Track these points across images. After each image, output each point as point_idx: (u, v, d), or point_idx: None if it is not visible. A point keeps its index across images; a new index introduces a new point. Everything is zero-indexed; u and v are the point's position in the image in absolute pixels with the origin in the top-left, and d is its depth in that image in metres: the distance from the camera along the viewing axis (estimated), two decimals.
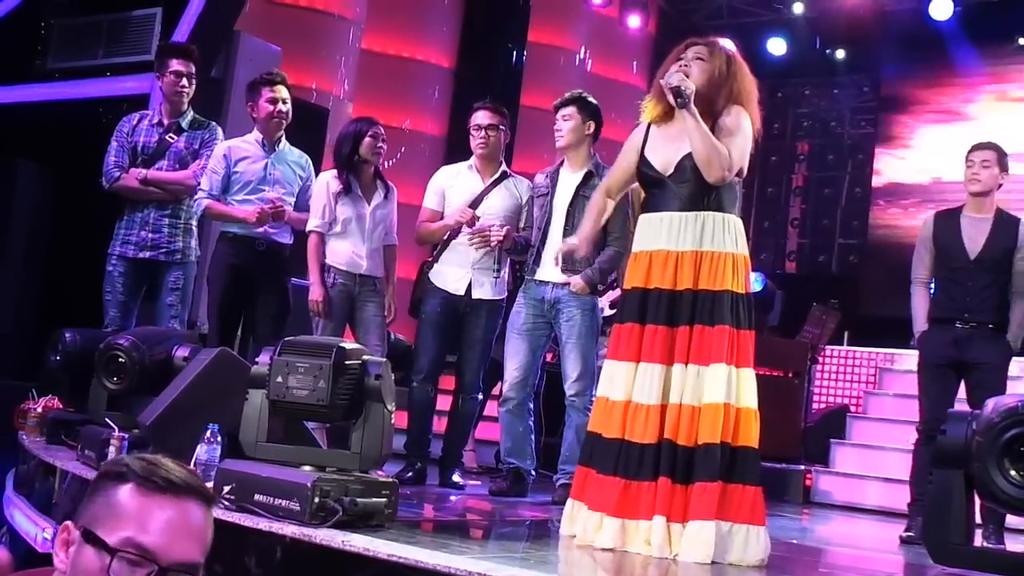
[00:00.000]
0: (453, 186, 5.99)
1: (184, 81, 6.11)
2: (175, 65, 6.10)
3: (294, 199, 5.97)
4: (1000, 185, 5.59)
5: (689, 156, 4.04)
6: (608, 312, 6.60)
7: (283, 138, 6.04)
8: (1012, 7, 11.61)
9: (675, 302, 3.95)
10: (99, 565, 1.68)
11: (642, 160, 4.18)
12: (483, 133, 5.95)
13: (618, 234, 5.69)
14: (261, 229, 5.81)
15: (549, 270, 5.70)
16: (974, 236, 5.53)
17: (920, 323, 5.65)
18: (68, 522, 1.73)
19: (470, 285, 5.89)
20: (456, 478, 5.96)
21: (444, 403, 6.46)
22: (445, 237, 5.98)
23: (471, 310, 5.91)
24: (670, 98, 4.00)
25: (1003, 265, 5.48)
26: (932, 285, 5.72)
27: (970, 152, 5.61)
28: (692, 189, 4.02)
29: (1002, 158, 5.56)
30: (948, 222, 5.65)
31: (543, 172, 5.98)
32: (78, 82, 7.68)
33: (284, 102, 5.94)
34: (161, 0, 7.51)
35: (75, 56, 7.81)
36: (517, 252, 5.90)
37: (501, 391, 6.01)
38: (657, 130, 4.20)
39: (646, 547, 3.77)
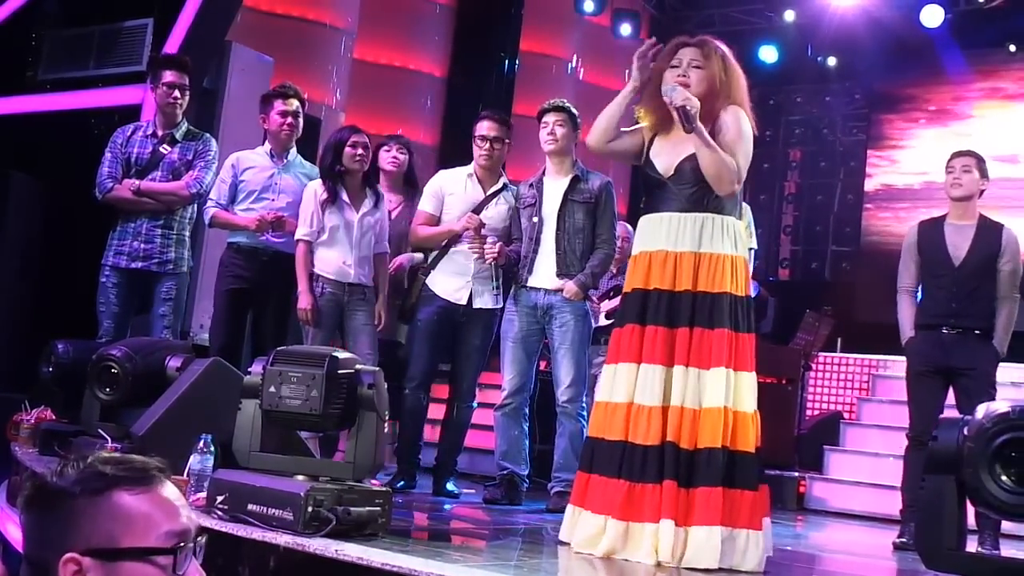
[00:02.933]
0: (453, 193, 6.00)
1: (177, 92, 6.11)
2: (168, 76, 6.10)
3: None
4: (982, 192, 5.65)
5: (690, 158, 4.04)
6: (604, 322, 6.63)
7: (294, 149, 6.09)
8: (1002, 14, 11.66)
9: (674, 303, 3.96)
10: (154, 573, 1.66)
11: (647, 163, 4.19)
12: (488, 145, 5.96)
13: (606, 236, 5.75)
14: (263, 237, 5.84)
15: (542, 277, 5.74)
16: (958, 243, 5.58)
17: (907, 330, 5.68)
18: (69, 554, 1.65)
19: (471, 295, 5.91)
20: (451, 486, 5.97)
21: (436, 411, 6.47)
22: (443, 244, 5.98)
23: (468, 319, 5.93)
24: (676, 117, 3.98)
25: (987, 271, 5.52)
26: (918, 293, 5.75)
27: (951, 159, 5.69)
28: (692, 191, 4.04)
29: (981, 164, 5.63)
30: (932, 230, 5.69)
31: (525, 182, 6.01)
32: (70, 93, 7.68)
33: (295, 115, 6.00)
34: (152, 11, 7.51)
35: (66, 67, 7.81)
36: (509, 266, 5.92)
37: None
38: (661, 137, 4.22)
39: (652, 551, 3.76)
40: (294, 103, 6.02)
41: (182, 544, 1.70)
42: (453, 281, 5.94)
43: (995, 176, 5.77)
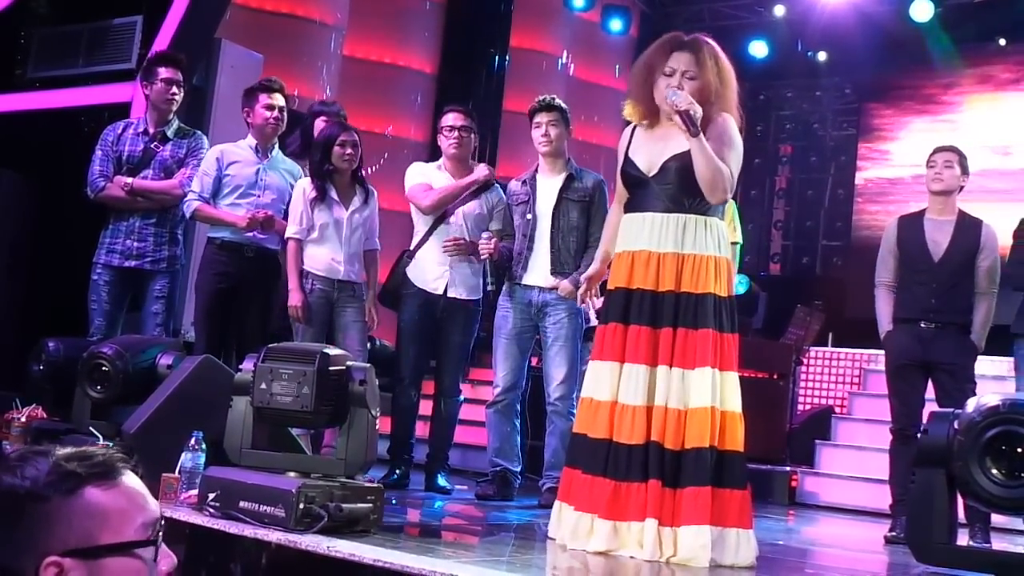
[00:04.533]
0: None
1: (174, 89, 6.10)
2: (164, 73, 6.08)
3: (284, 206, 5.98)
4: (961, 187, 5.68)
5: (673, 158, 4.03)
6: (595, 322, 6.63)
7: (276, 145, 6.06)
8: (992, 8, 11.68)
9: (657, 303, 3.96)
10: (137, 565, 1.66)
11: (626, 160, 4.18)
12: (456, 134, 6.00)
13: (600, 234, 5.74)
14: (250, 234, 5.82)
15: (537, 275, 5.76)
16: (937, 239, 5.61)
17: (884, 324, 5.71)
18: (50, 558, 1.61)
19: (447, 284, 5.92)
20: (442, 481, 5.97)
21: (424, 407, 6.48)
22: (420, 238, 5.98)
23: (448, 314, 5.93)
24: (678, 121, 3.94)
25: (966, 267, 5.56)
26: (895, 288, 5.77)
27: (932, 154, 5.73)
28: (675, 191, 4.02)
29: (963, 160, 5.68)
30: (911, 225, 5.72)
31: (518, 179, 6.02)
32: (59, 91, 7.65)
33: (280, 110, 5.98)
34: (142, 8, 7.48)
35: (56, 65, 7.77)
36: (502, 261, 5.92)
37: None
38: (642, 131, 4.21)
39: (638, 549, 3.78)
40: (279, 97, 5.99)
41: (159, 532, 1.69)
42: (432, 270, 5.95)
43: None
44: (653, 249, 4.00)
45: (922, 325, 5.55)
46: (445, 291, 5.93)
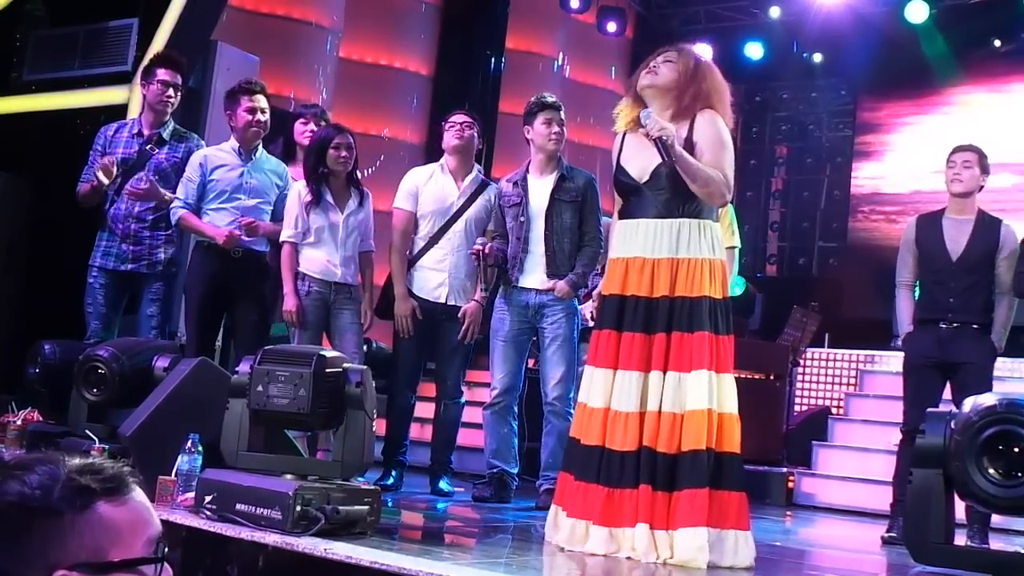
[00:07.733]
0: (427, 187, 6.01)
1: (171, 91, 6.08)
2: (162, 74, 6.07)
3: (271, 207, 5.97)
4: (981, 187, 5.64)
5: (664, 163, 4.04)
6: (592, 323, 6.63)
7: (260, 147, 6.04)
8: (987, 10, 11.70)
9: (652, 309, 3.96)
10: None
11: (618, 168, 4.19)
12: (458, 127, 6.00)
13: (593, 234, 5.76)
14: (237, 233, 5.80)
15: (533, 278, 5.74)
16: (956, 238, 5.57)
17: (905, 325, 5.68)
18: (60, 571, 1.58)
19: (448, 292, 5.92)
20: (444, 485, 5.96)
21: (425, 410, 6.47)
22: (423, 244, 5.98)
23: (447, 317, 5.93)
24: (656, 149, 3.97)
25: (986, 266, 5.51)
26: (917, 287, 5.76)
27: (952, 153, 5.66)
28: (668, 196, 4.03)
29: (983, 160, 5.62)
30: (930, 225, 5.68)
31: (508, 180, 6.00)
32: (55, 93, 7.64)
33: (263, 112, 5.93)
34: (138, 11, 7.48)
35: (52, 67, 7.76)
36: (497, 264, 5.92)
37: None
38: (632, 137, 4.21)
39: (634, 553, 3.78)
40: (261, 99, 5.95)
41: (166, 548, 1.69)
42: (432, 278, 5.94)
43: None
44: (648, 255, 4.01)
45: (941, 326, 5.52)
46: (446, 300, 5.94)
